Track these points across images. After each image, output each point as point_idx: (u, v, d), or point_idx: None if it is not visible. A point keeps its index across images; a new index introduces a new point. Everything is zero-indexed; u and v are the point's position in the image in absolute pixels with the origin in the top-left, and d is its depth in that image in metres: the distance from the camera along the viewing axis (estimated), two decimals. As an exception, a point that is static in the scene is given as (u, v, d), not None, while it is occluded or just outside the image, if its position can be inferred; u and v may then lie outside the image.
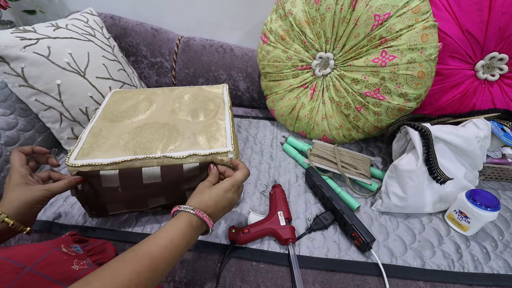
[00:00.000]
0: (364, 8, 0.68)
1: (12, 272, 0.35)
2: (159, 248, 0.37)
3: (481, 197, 0.56)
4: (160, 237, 0.38)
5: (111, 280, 0.31)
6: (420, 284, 0.52)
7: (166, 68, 1.07)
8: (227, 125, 0.61)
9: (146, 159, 0.51)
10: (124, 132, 0.57)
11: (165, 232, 0.39)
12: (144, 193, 0.54)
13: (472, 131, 0.62)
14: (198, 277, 0.53)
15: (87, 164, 0.49)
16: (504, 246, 0.58)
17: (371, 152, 0.84)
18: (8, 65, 0.65)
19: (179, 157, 0.51)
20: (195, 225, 0.42)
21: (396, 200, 0.62)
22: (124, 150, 0.52)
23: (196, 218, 0.43)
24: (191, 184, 0.54)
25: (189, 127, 0.60)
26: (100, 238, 0.57)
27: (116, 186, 0.51)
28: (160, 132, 0.57)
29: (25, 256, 0.37)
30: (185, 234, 0.40)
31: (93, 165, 0.50)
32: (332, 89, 0.80)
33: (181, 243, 0.39)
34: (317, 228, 0.60)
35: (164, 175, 0.52)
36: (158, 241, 0.38)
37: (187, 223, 0.41)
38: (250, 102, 1.09)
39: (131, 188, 0.52)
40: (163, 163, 0.51)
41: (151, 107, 0.66)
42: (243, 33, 1.09)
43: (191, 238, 0.42)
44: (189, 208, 0.43)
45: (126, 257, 0.35)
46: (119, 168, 0.50)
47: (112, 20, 1.03)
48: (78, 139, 0.55)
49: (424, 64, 0.66)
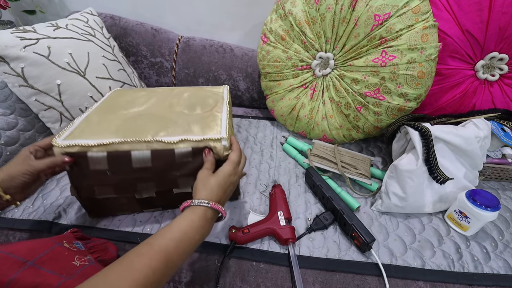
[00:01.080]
0: (364, 8, 0.68)
1: (14, 266, 0.35)
2: (174, 242, 0.37)
3: (481, 197, 0.56)
4: (175, 231, 0.38)
5: (128, 275, 0.32)
6: (420, 284, 0.52)
7: (166, 68, 1.07)
8: (223, 116, 0.59)
9: (135, 142, 0.49)
10: (118, 120, 0.56)
11: (180, 226, 0.39)
12: (134, 178, 0.52)
13: (472, 131, 0.62)
14: (198, 277, 0.53)
15: (74, 144, 0.47)
16: (504, 246, 0.58)
17: (371, 152, 0.84)
18: (8, 65, 0.65)
19: (170, 142, 0.49)
20: (209, 217, 0.42)
21: (396, 200, 0.62)
22: (114, 133, 0.51)
23: (211, 211, 0.43)
24: (183, 171, 0.52)
25: (185, 118, 0.58)
26: (100, 238, 0.57)
27: (104, 169, 0.49)
28: (154, 120, 0.56)
29: (27, 250, 0.38)
30: (199, 227, 0.40)
31: (80, 146, 0.47)
32: (332, 89, 0.80)
33: (195, 237, 0.39)
34: (317, 228, 0.60)
35: (154, 159, 0.49)
36: (173, 236, 0.38)
37: (201, 216, 0.41)
38: (250, 102, 1.09)
39: (121, 172, 0.50)
40: (153, 147, 0.49)
41: (149, 101, 0.64)
42: (243, 33, 1.09)
43: (205, 231, 0.42)
44: (204, 202, 0.43)
45: (142, 251, 0.35)
46: (108, 151, 0.48)
47: (112, 20, 1.03)
48: (70, 123, 0.54)
49: (424, 64, 0.66)
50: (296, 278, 0.50)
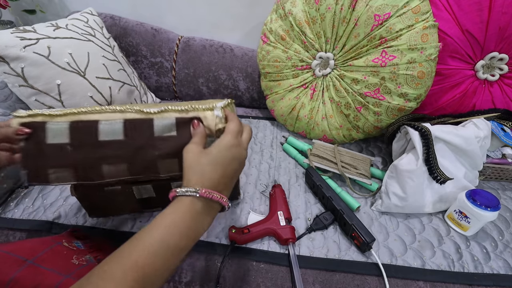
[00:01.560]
0: (364, 8, 0.68)
1: (14, 265, 0.35)
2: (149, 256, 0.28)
3: (481, 197, 0.56)
4: (151, 239, 0.29)
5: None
6: (420, 284, 0.52)
7: (166, 68, 1.07)
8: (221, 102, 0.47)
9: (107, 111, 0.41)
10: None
11: (158, 230, 0.30)
12: (100, 156, 0.42)
13: (472, 131, 0.62)
14: (198, 277, 0.53)
15: (33, 114, 0.40)
16: (504, 246, 0.58)
17: (371, 152, 0.84)
18: (8, 65, 0.65)
19: (150, 112, 0.41)
20: (200, 211, 0.32)
21: (396, 200, 0.62)
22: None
23: (201, 202, 0.33)
24: (164, 150, 0.41)
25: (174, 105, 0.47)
26: (100, 238, 0.57)
27: (64, 143, 0.40)
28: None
29: (27, 249, 0.38)
30: (184, 228, 0.31)
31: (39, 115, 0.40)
32: (332, 89, 0.80)
33: (179, 244, 0.30)
34: (317, 228, 0.60)
35: (127, 131, 0.41)
36: (146, 247, 0.29)
37: (187, 212, 0.31)
38: (250, 102, 1.09)
39: (83, 147, 0.41)
40: (126, 117, 0.41)
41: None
42: (243, 33, 1.09)
43: (196, 231, 0.32)
44: (190, 190, 0.32)
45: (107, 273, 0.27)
46: (71, 120, 0.40)
47: (112, 20, 1.03)
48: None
49: (424, 64, 0.66)
50: (296, 278, 0.50)
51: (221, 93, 1.07)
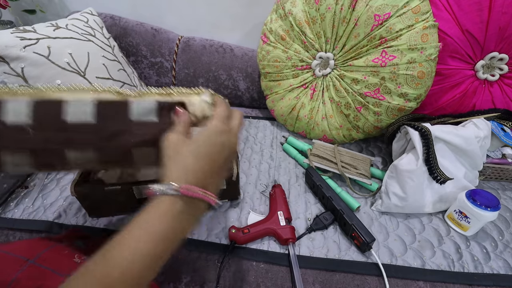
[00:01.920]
0: (364, 8, 0.68)
1: (15, 265, 0.35)
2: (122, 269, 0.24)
3: (481, 197, 0.56)
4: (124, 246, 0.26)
5: None
6: (420, 284, 0.52)
7: (166, 68, 1.07)
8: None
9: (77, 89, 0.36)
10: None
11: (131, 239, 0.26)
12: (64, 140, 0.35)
13: (472, 131, 0.62)
14: (198, 277, 0.53)
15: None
16: (504, 246, 0.58)
17: (371, 152, 0.84)
18: (8, 65, 0.65)
19: (127, 94, 0.36)
20: (183, 210, 0.28)
21: (396, 200, 0.62)
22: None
23: (183, 201, 0.28)
24: (141, 137, 0.36)
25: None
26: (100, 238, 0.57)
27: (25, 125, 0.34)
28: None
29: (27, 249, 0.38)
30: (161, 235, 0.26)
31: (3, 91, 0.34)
32: (332, 89, 0.80)
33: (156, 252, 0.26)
34: (317, 228, 0.60)
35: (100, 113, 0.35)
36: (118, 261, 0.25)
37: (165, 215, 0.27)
38: (250, 102, 1.09)
39: (47, 129, 0.35)
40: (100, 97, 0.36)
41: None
42: (243, 33, 1.09)
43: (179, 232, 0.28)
44: (169, 188, 0.27)
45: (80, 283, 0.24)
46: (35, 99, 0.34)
47: (112, 20, 1.03)
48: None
49: (424, 64, 0.66)
50: (296, 278, 0.50)
51: (221, 93, 1.06)
